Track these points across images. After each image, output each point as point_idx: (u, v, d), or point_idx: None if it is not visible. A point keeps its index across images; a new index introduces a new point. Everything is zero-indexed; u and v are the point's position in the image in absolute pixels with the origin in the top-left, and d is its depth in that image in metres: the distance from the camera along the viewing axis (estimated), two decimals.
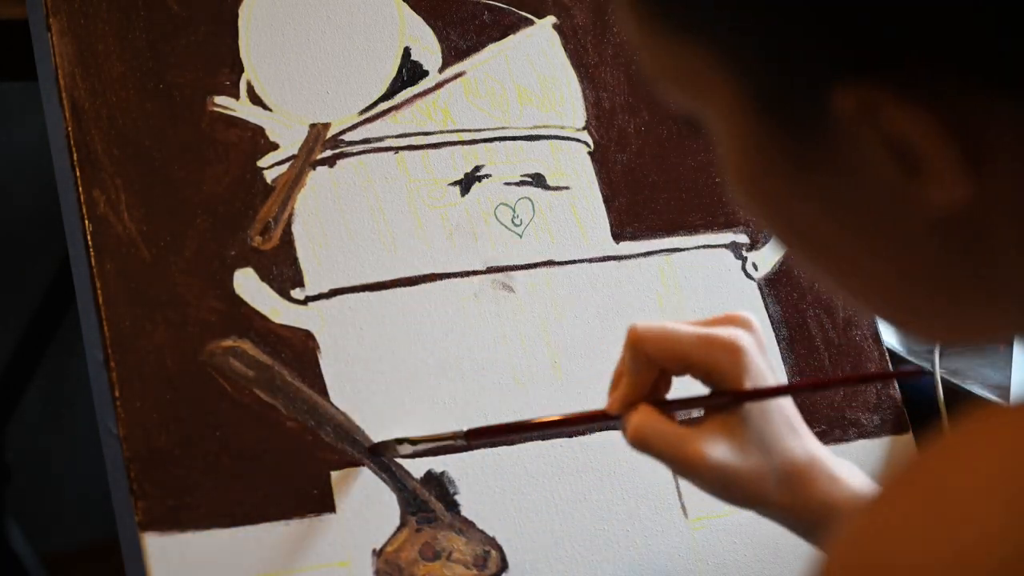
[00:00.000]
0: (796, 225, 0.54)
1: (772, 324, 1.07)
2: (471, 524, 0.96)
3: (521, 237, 1.03)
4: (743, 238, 1.09)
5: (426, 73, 1.05)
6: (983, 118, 0.48)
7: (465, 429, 0.90)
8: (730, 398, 0.84)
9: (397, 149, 1.03)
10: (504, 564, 0.96)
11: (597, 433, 1.00)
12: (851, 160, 0.50)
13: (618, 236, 1.06)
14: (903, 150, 0.49)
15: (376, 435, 0.96)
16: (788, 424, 0.85)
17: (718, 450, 0.83)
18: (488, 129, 1.05)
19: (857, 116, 0.49)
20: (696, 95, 0.54)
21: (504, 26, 1.08)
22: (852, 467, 0.86)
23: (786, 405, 0.85)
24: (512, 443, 0.97)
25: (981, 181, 0.49)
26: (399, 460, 0.96)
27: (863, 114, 0.49)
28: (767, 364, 0.85)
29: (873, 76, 0.48)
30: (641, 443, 0.84)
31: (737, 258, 1.08)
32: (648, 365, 0.84)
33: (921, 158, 0.49)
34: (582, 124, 1.08)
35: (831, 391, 1.07)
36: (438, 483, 0.96)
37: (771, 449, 0.84)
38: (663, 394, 0.86)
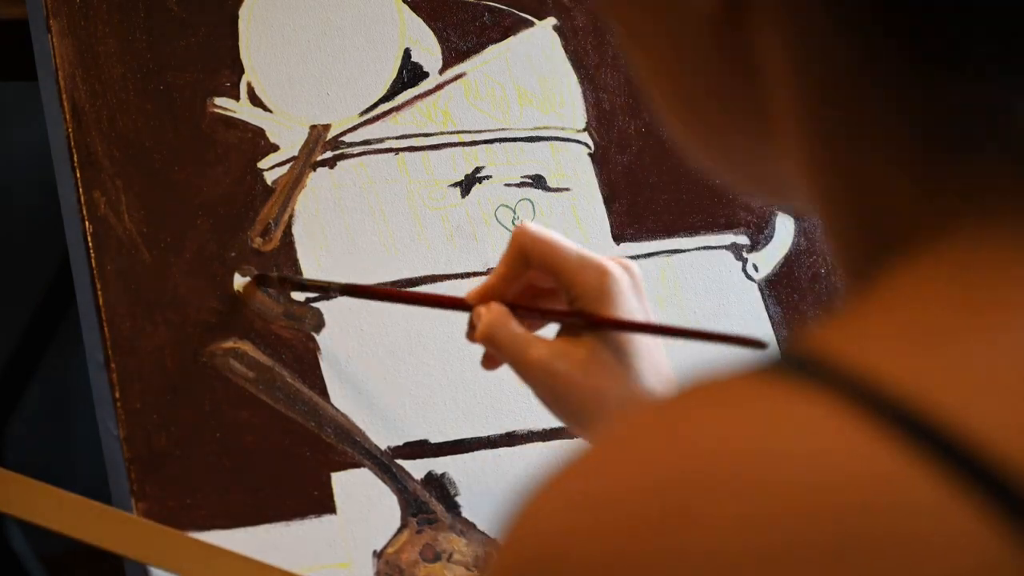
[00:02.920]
0: (625, 27, 0.50)
1: (772, 325, 1.07)
2: (472, 525, 0.96)
3: None
4: (743, 239, 1.09)
5: (426, 74, 1.05)
6: None
7: (343, 283, 0.94)
8: (582, 319, 0.84)
9: (397, 150, 1.03)
10: None
11: None
12: None
13: (618, 237, 1.06)
14: None
15: (376, 436, 0.96)
16: (653, 365, 0.84)
17: (558, 359, 0.83)
18: (488, 130, 1.05)
19: None
20: None
21: (504, 27, 1.08)
22: None
23: (655, 349, 0.85)
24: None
25: None
26: (400, 461, 0.96)
27: None
28: (640, 305, 0.85)
29: None
30: (488, 337, 0.85)
31: (737, 259, 1.08)
32: (520, 263, 0.86)
33: None
34: (582, 125, 1.08)
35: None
36: (439, 484, 0.96)
37: (623, 378, 0.83)
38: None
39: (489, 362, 0.90)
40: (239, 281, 0.96)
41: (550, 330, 0.88)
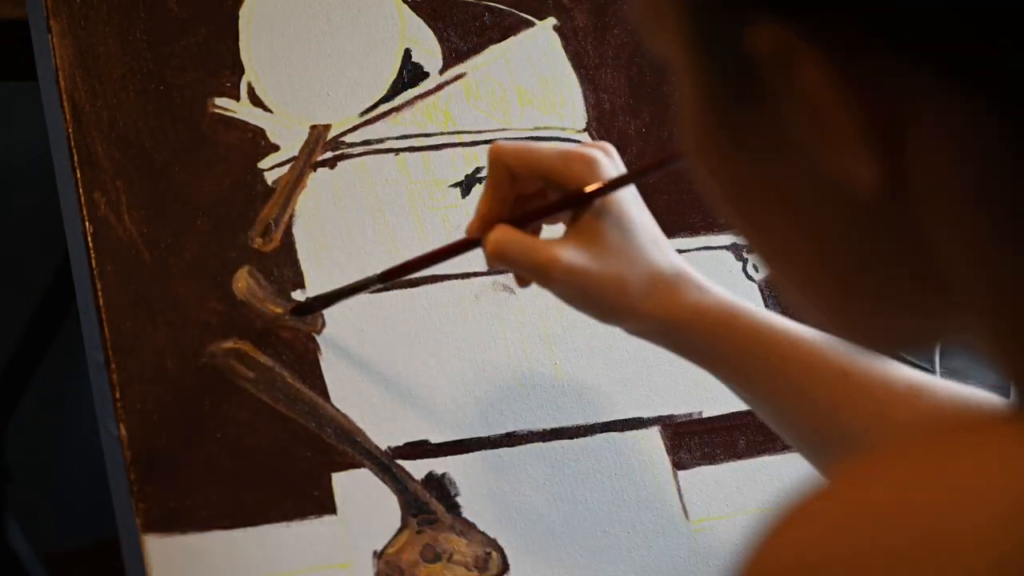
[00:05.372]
0: (737, 197, 0.51)
1: None
2: (472, 526, 0.96)
3: None
4: (744, 239, 1.09)
5: (427, 75, 1.05)
6: (902, 90, 0.44)
7: (378, 273, 0.93)
8: (579, 196, 0.86)
9: (398, 151, 1.03)
10: (505, 566, 0.96)
11: (599, 435, 1.00)
12: (775, 115, 0.47)
13: None
14: (814, 109, 0.45)
15: (377, 436, 0.96)
16: (652, 238, 0.88)
17: (574, 255, 0.86)
18: (489, 131, 1.05)
19: (772, 62, 0.45)
20: (658, 29, 0.50)
21: (504, 28, 1.08)
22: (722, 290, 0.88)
23: (649, 223, 0.89)
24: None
25: (902, 167, 0.45)
26: (400, 462, 0.96)
27: (777, 60, 0.45)
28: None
29: (786, 17, 0.45)
30: (500, 255, 0.86)
31: (738, 259, 1.08)
32: (507, 181, 0.88)
33: (829, 120, 0.45)
34: (583, 126, 1.08)
35: None
36: (439, 485, 0.96)
37: (634, 258, 0.86)
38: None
39: (521, 280, 0.91)
40: (275, 311, 0.96)
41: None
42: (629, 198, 0.88)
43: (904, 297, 0.49)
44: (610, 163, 0.88)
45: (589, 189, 0.87)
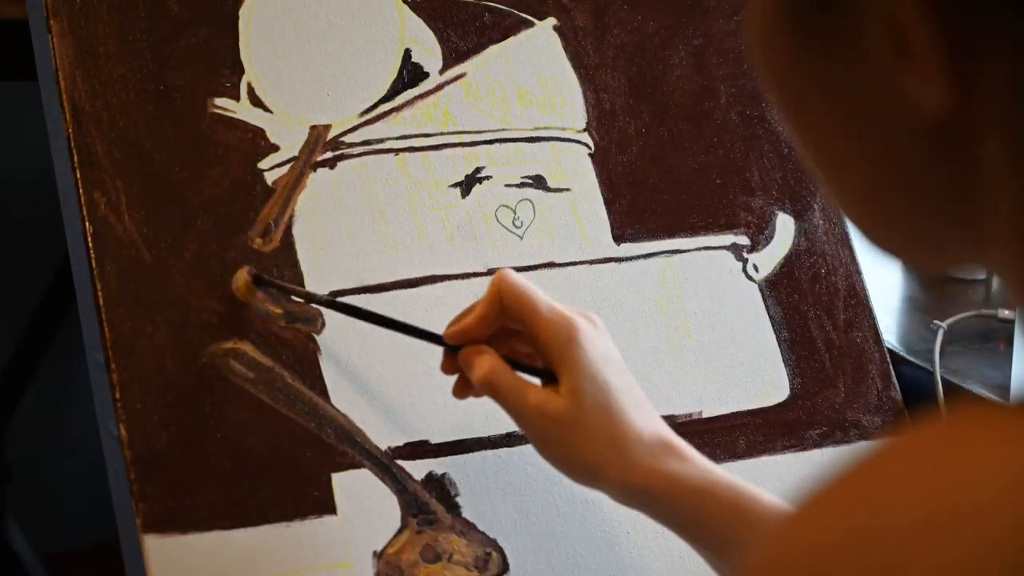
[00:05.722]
0: (799, 104, 0.52)
1: (773, 325, 1.07)
2: (472, 526, 0.96)
3: (522, 239, 1.04)
4: (744, 240, 1.09)
5: (427, 75, 1.05)
6: (983, 18, 0.45)
7: (327, 295, 0.96)
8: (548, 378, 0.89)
9: (398, 151, 1.03)
10: (505, 566, 0.96)
11: None
12: (854, 24, 0.48)
13: (619, 238, 1.06)
14: (896, 23, 0.47)
15: (377, 436, 0.96)
16: (635, 402, 0.88)
17: (554, 407, 0.87)
18: (489, 131, 1.05)
19: None
20: None
21: (504, 28, 1.08)
22: (704, 461, 0.88)
23: (636, 387, 0.89)
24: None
25: (970, 91, 0.46)
26: (400, 462, 0.96)
27: None
28: (605, 344, 0.89)
29: None
30: (489, 387, 0.89)
31: (738, 260, 1.08)
32: (498, 310, 0.89)
33: (910, 41, 0.46)
34: (583, 126, 1.08)
35: (832, 393, 1.07)
36: (439, 485, 0.96)
37: (616, 422, 0.87)
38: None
39: (461, 392, 0.93)
40: (240, 279, 0.96)
41: None
42: (615, 366, 0.89)
43: (949, 219, 0.50)
44: (592, 330, 0.89)
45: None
